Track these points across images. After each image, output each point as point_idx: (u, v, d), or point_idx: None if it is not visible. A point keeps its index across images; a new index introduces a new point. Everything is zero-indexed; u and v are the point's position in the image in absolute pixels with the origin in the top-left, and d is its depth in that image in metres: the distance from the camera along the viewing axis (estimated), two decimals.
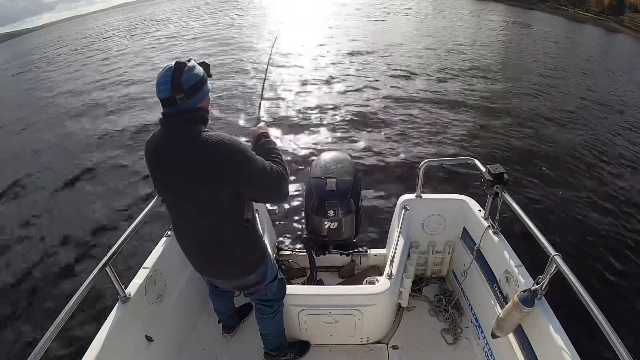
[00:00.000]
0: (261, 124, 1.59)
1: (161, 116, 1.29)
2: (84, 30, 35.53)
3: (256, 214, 1.59)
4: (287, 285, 1.83)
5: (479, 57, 12.95)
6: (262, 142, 1.47)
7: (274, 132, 6.49)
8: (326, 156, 2.36)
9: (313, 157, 4.90)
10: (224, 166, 1.23)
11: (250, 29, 20.99)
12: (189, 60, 1.27)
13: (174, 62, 1.24)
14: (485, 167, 1.88)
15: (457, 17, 25.96)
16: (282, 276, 1.78)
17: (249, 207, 1.42)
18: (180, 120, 1.26)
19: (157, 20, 33.93)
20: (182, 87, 1.22)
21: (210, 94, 1.36)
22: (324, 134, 6.62)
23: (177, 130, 1.26)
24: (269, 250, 1.64)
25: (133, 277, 1.78)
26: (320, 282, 2.42)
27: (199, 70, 1.30)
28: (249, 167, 1.26)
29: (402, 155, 5.70)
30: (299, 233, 3.92)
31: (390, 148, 5.96)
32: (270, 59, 2.37)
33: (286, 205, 4.40)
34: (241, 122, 7.20)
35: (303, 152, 5.89)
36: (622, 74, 13.40)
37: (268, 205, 2.91)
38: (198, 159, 1.22)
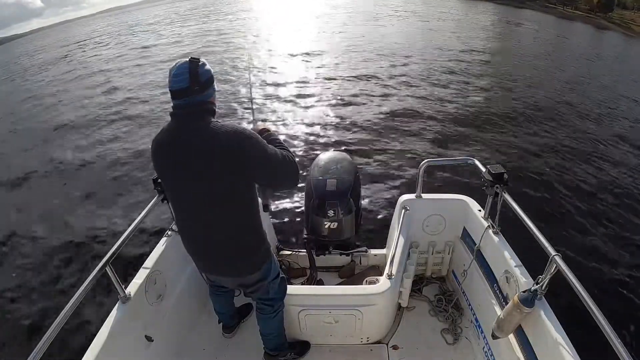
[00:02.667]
0: (259, 122, 1.65)
1: (172, 110, 1.33)
2: (71, 37, 34.78)
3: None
4: (287, 285, 1.83)
5: (475, 58, 12.94)
6: (266, 136, 1.50)
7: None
8: (326, 156, 2.37)
9: (313, 157, 4.90)
10: (240, 153, 1.27)
11: (232, 33, 20.76)
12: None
13: (188, 58, 1.30)
14: (485, 167, 1.88)
15: (448, 17, 25.74)
16: (284, 275, 1.78)
17: (265, 194, 1.50)
18: (195, 111, 1.30)
19: (142, 25, 33.48)
20: (200, 79, 1.29)
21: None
22: (323, 134, 6.62)
23: (190, 121, 1.30)
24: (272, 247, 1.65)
25: (133, 277, 1.78)
26: (320, 282, 2.43)
27: (210, 68, 1.37)
28: (262, 152, 1.31)
29: (402, 155, 5.70)
30: (299, 233, 3.92)
31: (390, 148, 5.96)
32: (250, 65, 2.40)
33: (286, 205, 4.40)
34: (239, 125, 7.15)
35: (303, 153, 5.88)
36: (617, 71, 13.43)
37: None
38: (214, 148, 1.26)
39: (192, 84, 1.27)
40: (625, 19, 35.56)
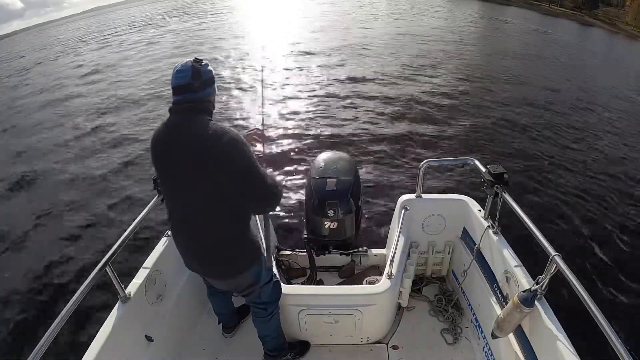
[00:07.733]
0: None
1: (172, 105, 1.37)
2: (53, 39, 33.42)
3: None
4: (287, 285, 1.84)
5: (473, 58, 12.91)
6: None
7: (276, 136, 6.49)
8: (326, 156, 2.37)
9: (313, 157, 4.90)
10: (232, 156, 1.29)
11: (237, 36, 20.35)
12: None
13: (192, 58, 1.36)
14: (485, 167, 1.88)
15: (439, 16, 25.44)
16: (278, 279, 1.78)
17: None
18: (193, 108, 1.34)
19: (129, 25, 32.39)
20: (201, 77, 1.34)
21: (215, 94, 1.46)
22: (324, 134, 6.61)
23: (189, 117, 1.34)
24: (265, 251, 1.62)
25: (133, 277, 1.78)
26: (320, 282, 2.43)
27: (212, 69, 1.42)
28: (250, 162, 1.33)
29: (402, 155, 5.70)
30: (299, 233, 3.92)
31: (390, 148, 5.95)
32: (262, 76, 2.42)
33: (286, 206, 4.39)
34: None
35: (304, 152, 5.88)
36: (613, 69, 13.44)
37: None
38: (208, 148, 1.28)
39: (193, 80, 1.32)
40: (610, 16, 35.54)
